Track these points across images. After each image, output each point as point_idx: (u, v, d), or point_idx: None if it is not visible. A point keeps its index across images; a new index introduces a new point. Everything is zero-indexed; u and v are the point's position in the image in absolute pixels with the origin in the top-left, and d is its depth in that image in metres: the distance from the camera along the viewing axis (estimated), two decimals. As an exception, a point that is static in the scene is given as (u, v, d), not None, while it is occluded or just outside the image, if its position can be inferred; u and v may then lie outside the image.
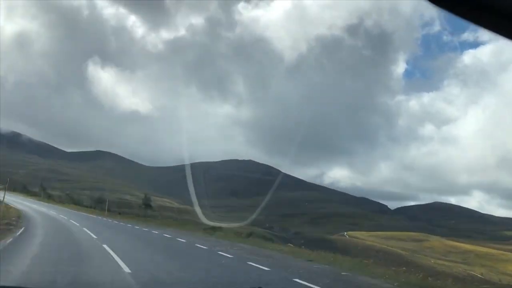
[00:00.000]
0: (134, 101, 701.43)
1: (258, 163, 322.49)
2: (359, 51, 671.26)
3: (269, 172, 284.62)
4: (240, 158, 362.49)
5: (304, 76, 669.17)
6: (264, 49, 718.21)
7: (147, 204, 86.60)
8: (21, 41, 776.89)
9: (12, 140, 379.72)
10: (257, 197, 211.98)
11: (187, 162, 31.04)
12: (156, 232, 29.91)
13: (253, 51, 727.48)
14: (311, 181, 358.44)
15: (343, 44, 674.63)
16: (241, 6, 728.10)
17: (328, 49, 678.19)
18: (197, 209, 34.53)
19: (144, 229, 33.62)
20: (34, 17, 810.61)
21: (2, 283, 8.43)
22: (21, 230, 21.27)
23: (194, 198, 30.10)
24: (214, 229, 31.99)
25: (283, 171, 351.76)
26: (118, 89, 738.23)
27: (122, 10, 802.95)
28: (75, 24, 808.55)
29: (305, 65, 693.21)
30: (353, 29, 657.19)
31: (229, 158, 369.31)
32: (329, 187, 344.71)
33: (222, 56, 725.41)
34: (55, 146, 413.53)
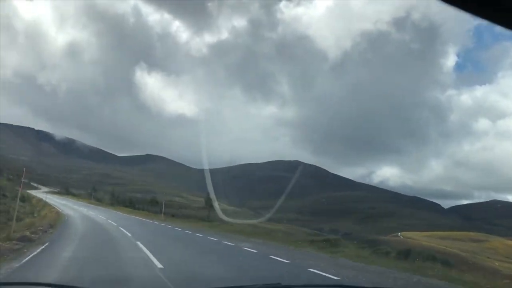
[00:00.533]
0: (180, 105, 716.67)
1: (305, 163, 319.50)
2: (407, 45, 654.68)
3: (316, 173, 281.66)
4: (286, 159, 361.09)
5: (349, 73, 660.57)
6: (307, 48, 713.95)
7: (210, 206, 76.71)
8: (72, 51, 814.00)
9: (66, 146, 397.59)
10: (302, 198, 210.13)
11: (206, 166, 25.99)
12: (253, 251, 18.02)
13: (296, 50, 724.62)
14: (360, 181, 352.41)
15: (390, 38, 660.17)
16: (283, 4, 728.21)
17: (373, 44, 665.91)
18: (216, 206, 31.30)
19: (226, 242, 21.33)
20: (84, 27, 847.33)
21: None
22: (35, 252, 13.38)
23: (213, 197, 27.86)
24: (330, 242, 22.43)
25: (330, 171, 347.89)
26: (164, 94, 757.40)
27: (166, 16, 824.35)
28: (122, 32, 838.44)
29: (350, 62, 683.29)
30: (400, 23, 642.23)
31: (275, 159, 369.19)
32: (378, 186, 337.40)
33: (265, 57, 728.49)
34: (107, 151, 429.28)
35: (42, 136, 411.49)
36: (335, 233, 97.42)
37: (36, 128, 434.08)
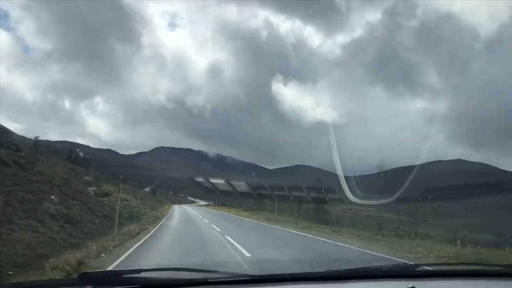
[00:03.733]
0: (319, 111, 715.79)
1: (469, 161, 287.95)
2: None
3: (482, 171, 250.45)
4: (446, 159, 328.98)
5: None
6: (454, 27, 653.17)
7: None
8: (213, 71, 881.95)
9: (219, 162, 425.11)
10: (470, 200, 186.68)
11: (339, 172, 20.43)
12: None
13: (441, 33, 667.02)
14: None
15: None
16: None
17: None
18: (344, 185, 22.99)
19: None
20: (221, 48, 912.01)
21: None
22: None
23: (341, 176, 21.41)
24: None
25: (501, 167, 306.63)
26: (302, 103, 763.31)
27: (297, 23, 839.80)
28: (257, 46, 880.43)
29: (510, 35, 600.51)
30: None
31: (431, 160, 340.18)
32: None
33: (406, 48, 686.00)
34: (258, 164, 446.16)
35: (200, 156, 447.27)
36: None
37: (194, 149, 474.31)
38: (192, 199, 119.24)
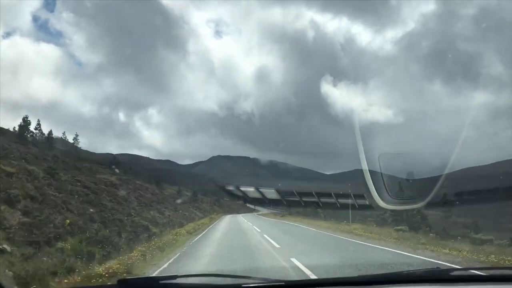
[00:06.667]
0: (371, 111, 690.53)
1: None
2: None
3: None
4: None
5: None
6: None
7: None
8: (260, 76, 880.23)
9: (273, 169, 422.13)
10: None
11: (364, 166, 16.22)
12: None
13: (504, 16, 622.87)
14: None
15: None
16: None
17: None
18: (373, 190, 18.08)
19: None
20: (268, 52, 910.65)
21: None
22: None
23: (370, 185, 17.79)
24: None
25: None
26: (353, 103, 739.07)
27: (345, 21, 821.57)
28: (304, 47, 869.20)
29: None
30: None
31: (503, 159, 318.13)
32: None
33: (464, 38, 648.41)
34: (314, 170, 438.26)
35: (255, 163, 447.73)
36: None
37: (251, 157, 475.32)
38: (252, 206, 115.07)
